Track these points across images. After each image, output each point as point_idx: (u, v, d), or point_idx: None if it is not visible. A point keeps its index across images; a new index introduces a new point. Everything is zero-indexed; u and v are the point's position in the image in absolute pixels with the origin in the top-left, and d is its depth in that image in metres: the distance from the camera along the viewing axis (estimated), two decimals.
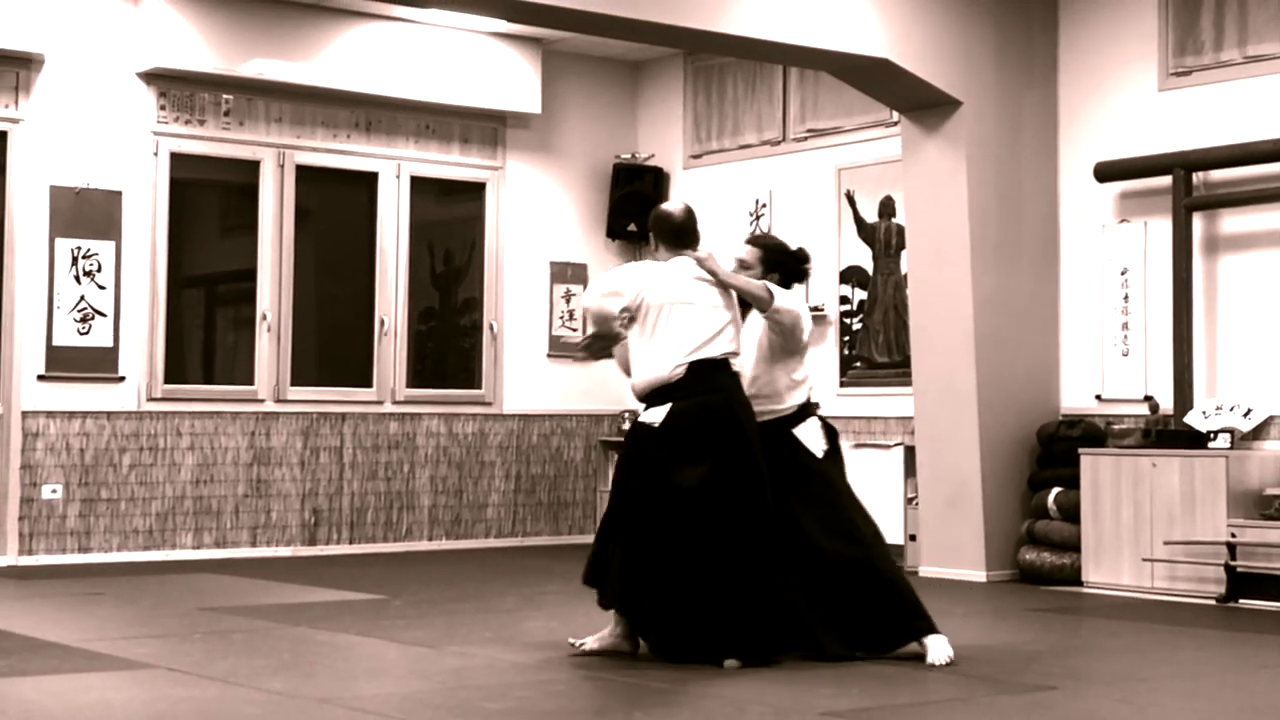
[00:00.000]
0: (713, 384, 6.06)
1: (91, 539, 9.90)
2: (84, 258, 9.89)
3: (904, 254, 10.00)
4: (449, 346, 11.55)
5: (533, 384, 11.52)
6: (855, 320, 10.50)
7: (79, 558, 9.81)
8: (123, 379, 10.02)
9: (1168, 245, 8.94)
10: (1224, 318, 8.81)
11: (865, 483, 9.79)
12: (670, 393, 6.05)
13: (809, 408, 6.39)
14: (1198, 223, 8.90)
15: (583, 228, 11.89)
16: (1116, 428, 9.00)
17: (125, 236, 10.05)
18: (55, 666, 5.85)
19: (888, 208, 10.34)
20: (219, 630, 6.85)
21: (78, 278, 9.87)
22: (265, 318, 10.52)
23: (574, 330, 11.57)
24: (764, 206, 11.09)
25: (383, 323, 10.99)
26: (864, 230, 10.49)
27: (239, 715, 4.98)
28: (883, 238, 10.39)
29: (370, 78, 10.72)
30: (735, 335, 6.20)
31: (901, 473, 9.81)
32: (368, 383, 10.95)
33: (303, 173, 10.73)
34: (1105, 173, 9.19)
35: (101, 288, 9.93)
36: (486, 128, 11.48)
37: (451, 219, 11.59)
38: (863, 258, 10.49)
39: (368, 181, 11.04)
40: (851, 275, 10.55)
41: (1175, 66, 9.05)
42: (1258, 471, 8.33)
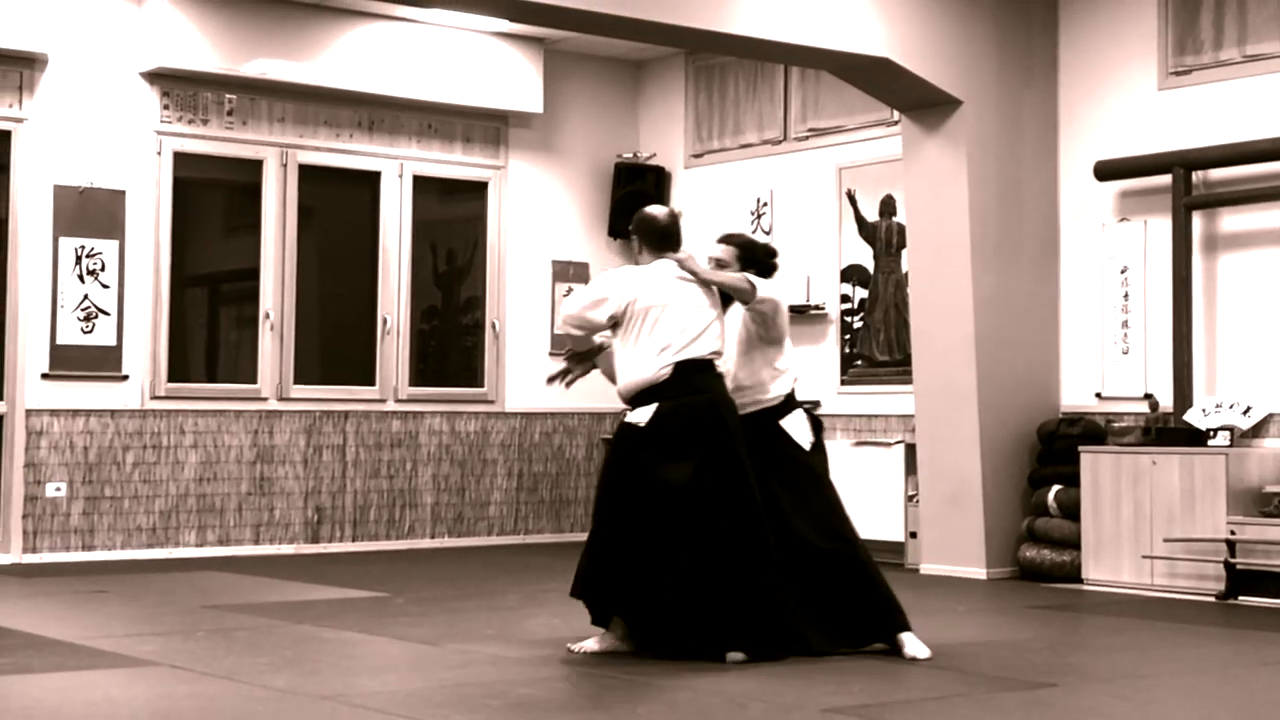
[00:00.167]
0: (698, 384, 6.13)
1: (95, 537, 9.92)
2: (88, 257, 9.91)
3: (905, 253, 10.02)
4: (451, 345, 11.57)
5: (535, 382, 11.52)
6: (856, 319, 10.52)
7: (83, 555, 9.84)
8: (126, 377, 10.05)
9: (1167, 244, 8.96)
10: (1223, 316, 8.83)
11: (866, 480, 9.88)
12: (657, 393, 6.11)
13: (795, 399, 6.45)
14: (1197, 221, 8.92)
15: (584, 227, 11.91)
16: (1116, 425, 9.02)
17: (129, 235, 10.08)
18: (59, 664, 5.87)
19: (888, 206, 10.36)
20: (222, 628, 6.87)
21: (81, 277, 9.89)
22: (268, 316, 10.55)
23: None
24: (765, 205, 11.11)
25: (385, 321, 11.01)
26: (865, 229, 10.51)
27: (242, 712, 4.99)
28: (883, 236, 10.41)
29: (373, 77, 10.74)
30: (719, 334, 6.27)
31: (902, 470, 9.83)
32: (370, 381, 10.97)
33: (305, 172, 10.75)
34: (1105, 172, 9.21)
35: (105, 287, 9.96)
36: (489, 127, 11.51)
37: (454, 218, 11.60)
38: (863, 256, 10.51)
39: (370, 181, 11.06)
40: (852, 274, 10.57)
41: (1175, 66, 9.07)
42: (1257, 469, 8.35)
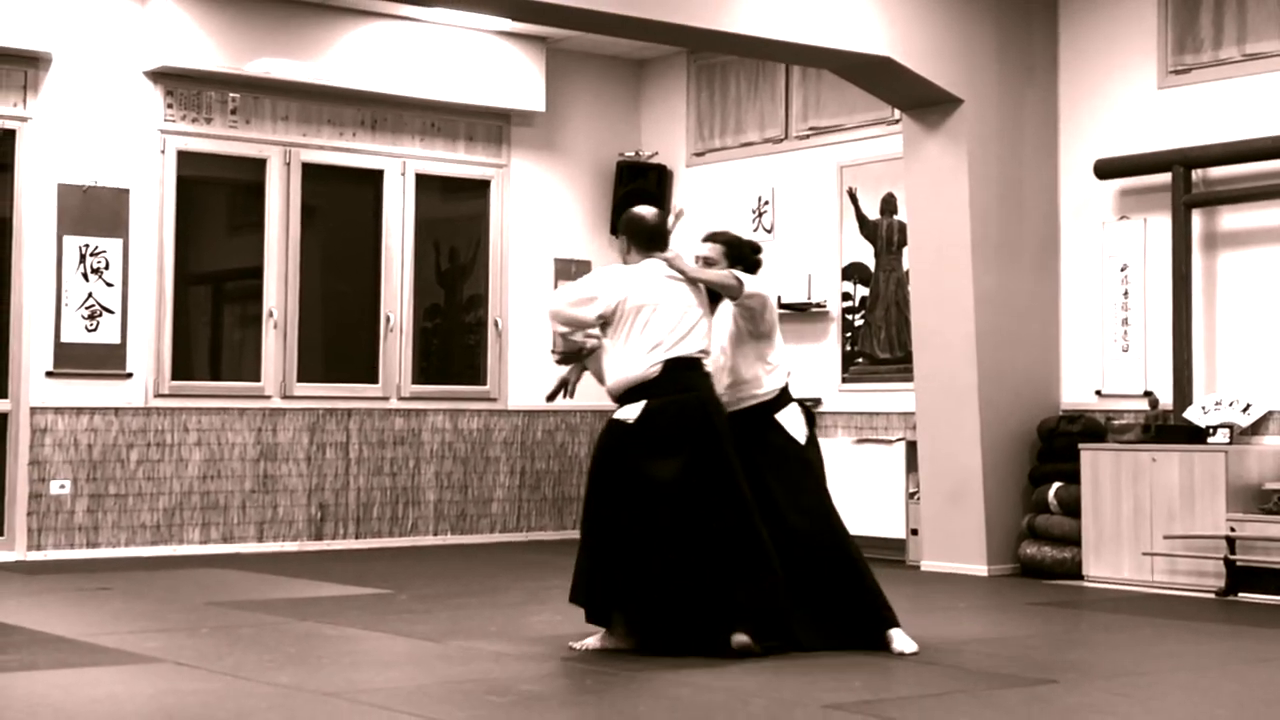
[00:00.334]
0: (687, 382, 6.17)
1: (99, 534, 9.95)
2: (92, 255, 9.94)
3: (905, 251, 10.04)
4: (454, 343, 11.59)
5: (537, 380, 11.53)
6: (857, 316, 10.54)
7: (87, 553, 9.87)
8: (130, 375, 10.07)
9: (1167, 242, 8.97)
10: (1223, 314, 8.84)
11: (867, 478, 9.90)
12: (645, 390, 6.15)
13: (789, 394, 6.49)
14: (1197, 219, 8.94)
15: (587, 225, 11.93)
16: (1116, 423, 9.03)
17: (133, 234, 10.10)
18: (63, 661, 5.89)
19: (889, 205, 10.37)
20: (226, 625, 6.89)
21: (85, 275, 9.92)
22: (272, 314, 10.57)
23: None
24: (766, 204, 11.13)
25: (388, 319, 11.04)
26: (866, 227, 10.52)
27: (246, 709, 5.01)
28: (884, 235, 10.43)
29: (376, 76, 10.76)
30: (707, 332, 6.31)
31: (903, 468, 9.86)
32: (373, 379, 10.99)
33: (309, 170, 10.78)
34: (1105, 170, 9.23)
35: (109, 285, 9.98)
36: (491, 125, 11.53)
37: (456, 216, 11.62)
38: (864, 254, 10.53)
39: (373, 179, 11.08)
40: (853, 272, 10.59)
41: (1175, 64, 9.09)
42: (1257, 466, 8.36)
